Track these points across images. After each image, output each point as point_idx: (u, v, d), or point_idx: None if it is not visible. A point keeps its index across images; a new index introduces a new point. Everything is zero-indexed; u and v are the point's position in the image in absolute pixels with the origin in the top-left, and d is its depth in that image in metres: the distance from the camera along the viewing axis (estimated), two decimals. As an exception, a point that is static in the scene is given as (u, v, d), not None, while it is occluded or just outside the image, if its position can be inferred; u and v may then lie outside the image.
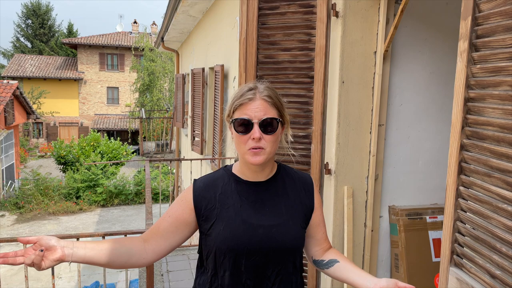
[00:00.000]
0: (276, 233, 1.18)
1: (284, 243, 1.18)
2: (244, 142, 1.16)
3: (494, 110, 1.19)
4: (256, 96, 1.16)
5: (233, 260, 1.17)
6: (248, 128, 1.15)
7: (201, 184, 1.26)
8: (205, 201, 1.23)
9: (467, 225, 1.32)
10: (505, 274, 1.15)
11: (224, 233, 1.18)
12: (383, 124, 2.51)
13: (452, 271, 1.37)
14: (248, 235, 1.17)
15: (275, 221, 1.19)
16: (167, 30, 8.10)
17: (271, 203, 1.22)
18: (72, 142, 18.20)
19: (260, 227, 1.18)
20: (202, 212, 1.22)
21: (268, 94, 1.17)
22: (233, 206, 1.20)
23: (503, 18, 1.16)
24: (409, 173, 2.66)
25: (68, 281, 9.01)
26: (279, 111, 1.19)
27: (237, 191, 1.23)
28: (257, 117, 1.15)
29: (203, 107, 6.23)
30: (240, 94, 1.18)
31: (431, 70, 2.60)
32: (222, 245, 1.17)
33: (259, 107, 1.15)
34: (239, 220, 1.18)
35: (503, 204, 1.15)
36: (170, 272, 3.85)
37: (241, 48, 2.48)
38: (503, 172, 1.15)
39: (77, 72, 27.51)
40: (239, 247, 1.16)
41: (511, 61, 1.13)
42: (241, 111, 1.16)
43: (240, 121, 1.15)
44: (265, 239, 1.17)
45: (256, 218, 1.19)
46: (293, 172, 1.32)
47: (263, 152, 1.16)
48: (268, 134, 1.15)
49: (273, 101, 1.18)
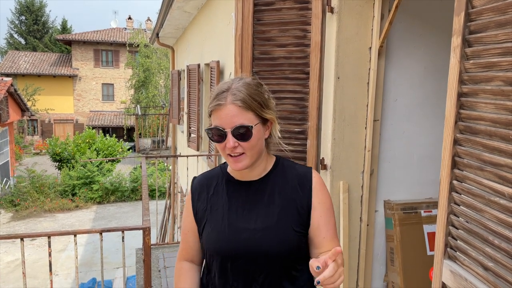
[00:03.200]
0: (261, 237, 1.12)
1: (269, 248, 1.11)
2: (222, 149, 1.12)
3: (486, 105, 1.20)
4: (227, 101, 1.08)
5: (219, 263, 1.16)
6: (223, 137, 1.09)
7: (197, 185, 1.25)
8: (200, 203, 1.23)
9: (461, 218, 1.34)
10: (498, 266, 1.17)
11: (211, 236, 1.17)
12: (378, 119, 2.53)
13: (446, 263, 1.39)
14: (232, 239, 1.13)
15: (263, 224, 1.13)
16: (162, 26, 8.06)
17: (261, 204, 1.16)
18: (68, 139, 18.13)
19: (246, 231, 1.13)
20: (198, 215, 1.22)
21: (241, 97, 1.08)
22: (222, 208, 1.18)
23: (495, 14, 1.17)
24: (404, 168, 2.68)
25: (65, 278, 9.02)
26: (257, 112, 1.10)
27: (227, 192, 1.19)
28: (229, 125, 1.07)
29: (199, 104, 6.23)
30: (213, 96, 1.12)
31: (425, 66, 2.62)
32: (210, 247, 1.18)
33: (229, 113, 1.07)
34: (225, 223, 1.15)
35: (495, 197, 1.18)
36: (167, 268, 3.86)
37: (237, 44, 2.49)
38: (495, 166, 1.17)
39: (71, 69, 27.37)
40: (224, 251, 1.14)
41: (503, 56, 1.15)
42: (215, 117, 1.10)
43: (214, 130, 1.10)
44: (250, 244, 1.12)
45: (243, 221, 1.15)
46: (292, 167, 1.22)
47: (244, 157, 1.11)
48: (244, 141, 1.08)
49: (247, 104, 1.08)
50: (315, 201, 1.16)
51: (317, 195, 1.17)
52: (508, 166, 1.12)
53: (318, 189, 1.18)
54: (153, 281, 3.57)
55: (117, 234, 5.08)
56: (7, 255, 10.01)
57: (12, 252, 10.06)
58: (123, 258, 2.45)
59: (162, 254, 4.17)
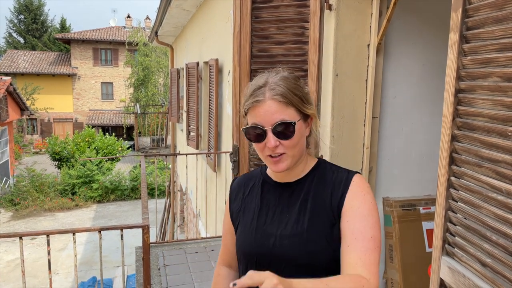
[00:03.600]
0: (288, 244, 1.01)
1: (296, 258, 1.00)
2: (261, 150, 1.02)
3: (484, 101, 1.20)
4: (265, 97, 0.99)
5: (245, 267, 1.09)
6: (262, 136, 1.00)
7: (236, 186, 1.20)
8: (235, 204, 1.17)
9: (459, 214, 1.34)
10: (495, 262, 1.17)
11: (240, 238, 1.12)
12: (377, 116, 2.53)
13: (444, 260, 1.39)
14: (258, 244, 1.05)
15: (292, 231, 1.03)
16: (161, 25, 8.05)
17: (293, 209, 1.06)
18: (67, 138, 18.14)
19: (272, 236, 1.04)
20: (233, 216, 1.18)
21: (281, 92, 0.99)
22: (253, 210, 1.11)
23: (492, 10, 1.17)
24: (403, 165, 2.68)
25: (65, 277, 9.03)
26: (298, 108, 1.01)
27: (261, 194, 1.12)
28: (269, 123, 0.98)
29: (198, 102, 6.23)
30: (250, 93, 1.02)
31: (424, 63, 2.62)
32: (238, 250, 1.13)
33: (269, 110, 0.98)
34: (254, 226, 1.08)
35: (493, 193, 1.18)
36: (167, 266, 3.86)
37: (235, 42, 2.49)
38: (493, 162, 1.17)
39: (70, 68, 27.34)
40: (249, 255, 1.07)
41: (500, 52, 1.14)
42: (252, 116, 1.01)
43: (252, 129, 1.01)
44: (275, 251, 1.02)
45: (271, 225, 1.06)
46: (334, 171, 1.08)
47: (285, 157, 1.01)
48: (285, 139, 0.99)
49: (287, 99, 0.99)
50: (347, 206, 1.01)
51: (352, 199, 1.01)
52: (506, 162, 1.12)
53: (355, 193, 1.02)
54: (153, 279, 3.57)
55: (117, 233, 5.06)
56: (7, 254, 10.02)
57: (12, 251, 10.06)
58: (122, 256, 2.45)
59: (161, 252, 4.17)
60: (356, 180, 1.04)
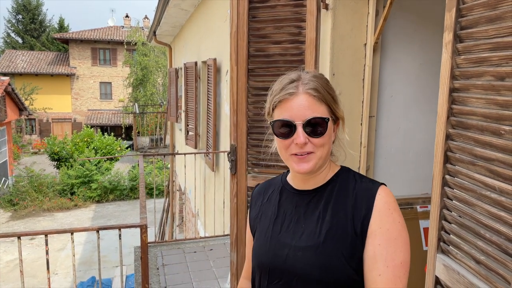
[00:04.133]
0: (301, 257, 0.95)
1: (308, 272, 0.93)
2: (286, 147, 0.96)
3: (477, 100, 1.21)
4: (299, 90, 0.93)
5: (258, 279, 1.04)
6: (291, 132, 0.93)
7: (256, 193, 1.16)
8: (254, 210, 1.14)
9: (453, 212, 1.35)
10: (489, 259, 1.18)
11: (255, 247, 1.07)
12: (374, 115, 2.54)
13: (439, 258, 1.41)
14: (271, 254, 1.00)
15: (307, 242, 0.96)
16: (159, 24, 8.06)
17: (310, 219, 0.99)
18: (66, 138, 18.14)
19: (286, 247, 0.98)
20: (251, 222, 1.14)
21: (315, 86, 0.94)
22: (269, 218, 1.06)
23: (486, 10, 1.18)
24: (400, 164, 2.69)
25: (64, 277, 9.03)
26: (330, 107, 0.96)
27: (279, 201, 1.07)
28: (300, 118, 0.92)
29: (197, 101, 6.23)
30: (280, 87, 0.96)
31: (421, 62, 2.63)
32: (253, 259, 1.07)
33: (302, 103, 0.93)
34: (268, 235, 1.03)
35: (486, 191, 1.19)
36: (165, 266, 3.87)
37: (232, 41, 2.49)
38: (487, 160, 1.18)
39: (69, 68, 27.31)
40: (262, 266, 1.02)
41: (493, 51, 1.15)
42: (282, 110, 0.95)
43: (280, 123, 0.94)
44: (288, 263, 0.96)
45: (286, 235, 1.00)
46: (357, 180, 1.00)
47: (313, 157, 0.95)
48: (316, 137, 0.93)
49: (321, 95, 0.94)
50: (375, 225, 0.91)
51: (379, 217, 0.92)
52: (499, 160, 1.13)
53: (382, 210, 0.92)
54: (151, 279, 3.58)
55: (116, 233, 5.07)
56: (6, 255, 10.02)
57: (11, 252, 10.06)
58: (120, 256, 2.46)
59: (160, 252, 4.19)
60: (382, 194, 0.94)
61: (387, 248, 0.89)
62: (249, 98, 2.48)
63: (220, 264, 3.87)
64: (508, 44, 1.11)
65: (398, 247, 0.90)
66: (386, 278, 0.88)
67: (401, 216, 0.94)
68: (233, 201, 2.59)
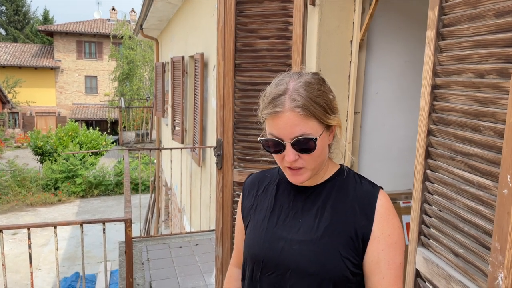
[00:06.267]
0: (297, 250, 0.97)
1: (303, 266, 0.95)
2: (280, 160, 0.97)
3: (458, 96, 1.24)
4: (285, 107, 0.91)
5: (251, 270, 1.05)
6: (281, 148, 0.94)
7: (249, 182, 1.16)
8: (248, 200, 1.13)
9: (434, 207, 1.38)
10: (467, 252, 1.21)
11: (248, 237, 1.07)
12: (359, 112, 2.57)
13: (419, 251, 1.44)
14: (266, 247, 1.01)
15: (303, 237, 0.97)
16: (146, 18, 7.98)
17: (308, 215, 1.00)
18: (50, 132, 17.84)
19: (281, 240, 0.99)
20: (244, 212, 1.14)
21: (302, 103, 0.90)
22: (265, 210, 1.06)
23: (467, 8, 1.20)
24: (384, 160, 2.73)
25: (47, 273, 8.93)
26: (320, 119, 0.93)
27: (276, 194, 1.07)
28: (288, 136, 0.91)
29: (184, 96, 6.20)
30: (269, 99, 0.94)
31: (406, 59, 2.66)
32: (245, 251, 1.08)
33: (289, 123, 0.91)
34: (264, 227, 1.03)
35: (465, 186, 1.22)
36: (150, 261, 3.86)
37: (219, 36, 2.49)
38: (466, 156, 1.21)
39: (53, 61, 26.85)
40: (256, 257, 1.03)
41: (473, 49, 1.18)
42: (270, 125, 0.94)
43: (270, 141, 0.95)
44: (283, 256, 0.98)
45: (282, 229, 1.01)
46: (357, 181, 1.04)
47: (304, 171, 0.96)
48: (306, 153, 0.93)
49: (308, 111, 0.90)
50: (378, 230, 0.95)
51: (382, 222, 0.96)
52: (477, 155, 1.16)
53: (384, 215, 0.97)
54: (136, 274, 3.57)
55: (100, 228, 5.05)
56: (-13, 250, 9.85)
57: (-8, 247, 9.90)
58: (104, 250, 2.45)
59: (145, 247, 4.17)
60: (382, 200, 0.99)
61: (389, 253, 0.95)
62: (236, 93, 2.48)
63: (206, 259, 3.88)
64: (488, 42, 1.13)
65: (398, 250, 0.96)
66: (389, 279, 0.94)
67: (399, 220, 1.00)
68: (219, 196, 2.60)
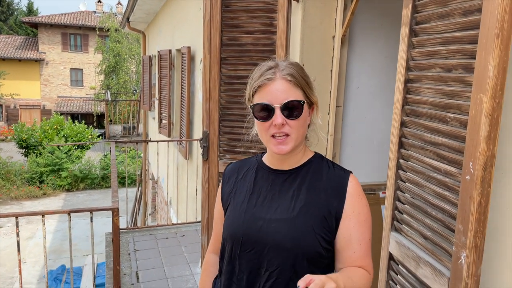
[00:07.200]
0: (274, 228, 1.05)
1: (280, 242, 1.04)
2: (266, 129, 1.04)
3: (428, 90, 1.32)
4: (276, 76, 1.03)
5: (230, 249, 1.12)
6: (270, 114, 1.02)
7: (230, 170, 1.23)
8: (227, 186, 1.21)
9: (406, 194, 1.47)
10: (435, 235, 1.30)
11: (228, 219, 1.15)
12: (341, 105, 2.65)
13: (392, 235, 1.53)
14: (245, 225, 1.09)
15: (280, 216, 1.06)
16: (132, 11, 7.94)
17: (284, 196, 1.09)
18: (34, 125, 17.60)
19: (260, 219, 1.08)
20: (224, 198, 1.21)
21: (290, 72, 1.03)
22: (244, 193, 1.14)
23: (437, 7, 1.29)
24: (365, 152, 2.83)
25: (33, 266, 8.89)
26: (305, 92, 1.05)
27: (255, 178, 1.15)
28: (278, 101, 1.01)
29: (170, 90, 6.22)
30: (259, 74, 1.05)
31: (385, 55, 2.75)
32: (224, 231, 1.16)
33: (280, 88, 1.02)
34: (243, 209, 1.12)
35: (434, 173, 1.30)
36: (137, 251, 3.91)
37: (205, 30, 2.54)
38: (434, 145, 1.30)
39: (38, 53, 26.39)
40: (235, 236, 1.10)
41: (442, 45, 1.26)
42: (261, 95, 1.04)
43: (260, 106, 1.03)
44: (261, 233, 1.06)
45: (261, 209, 1.09)
46: (329, 166, 1.13)
47: (289, 140, 1.03)
48: (292, 119, 1.02)
49: (296, 80, 1.03)
50: (349, 210, 1.05)
51: (352, 203, 1.06)
52: (445, 145, 1.25)
53: (354, 196, 1.07)
54: (123, 264, 3.62)
55: (87, 221, 5.04)
56: (-29, 244, 9.75)
57: (-24, 241, 9.80)
58: (91, 238, 2.50)
59: (132, 238, 4.21)
60: (353, 182, 1.09)
61: (359, 229, 1.05)
62: (221, 86, 2.54)
63: (192, 250, 3.94)
64: (455, 38, 1.22)
65: (367, 227, 1.07)
66: (360, 253, 1.05)
67: (367, 200, 1.11)
68: (205, 186, 2.66)
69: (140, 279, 3.41)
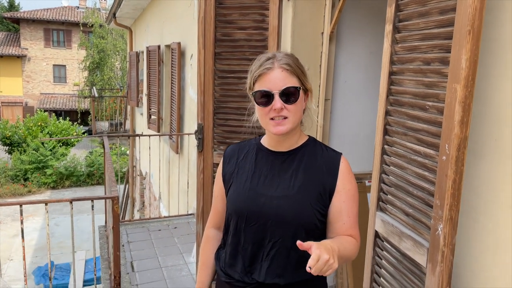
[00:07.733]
0: (277, 204, 1.19)
1: (283, 216, 1.18)
2: (266, 114, 1.17)
3: (410, 81, 1.47)
4: (274, 65, 1.15)
5: (235, 223, 1.25)
6: (269, 100, 1.15)
7: (230, 151, 1.35)
8: (229, 166, 1.32)
9: (390, 176, 1.62)
10: (416, 211, 1.45)
11: (232, 196, 1.27)
12: (329, 99, 2.79)
13: (378, 215, 1.67)
14: (249, 202, 1.21)
15: (281, 193, 1.20)
16: (119, 6, 7.95)
17: (284, 176, 1.22)
18: (18, 122, 17.36)
19: (263, 196, 1.21)
20: (226, 177, 1.32)
21: (287, 62, 1.16)
22: (247, 173, 1.26)
23: (418, 6, 1.43)
24: (352, 144, 2.98)
25: (19, 263, 8.83)
26: (300, 79, 1.18)
27: (255, 159, 1.27)
28: (277, 88, 1.14)
29: (160, 85, 6.29)
30: (259, 64, 1.18)
31: (372, 51, 2.90)
32: (229, 207, 1.28)
33: (278, 76, 1.14)
34: (247, 187, 1.24)
35: (414, 156, 1.45)
36: (131, 243, 4.00)
37: (200, 26, 2.64)
38: (415, 131, 1.44)
39: (20, 49, 25.95)
40: (240, 211, 1.23)
41: (422, 41, 1.41)
42: (261, 83, 1.16)
43: (260, 93, 1.16)
44: (264, 209, 1.19)
45: (263, 187, 1.22)
46: (323, 148, 1.28)
47: (287, 121, 1.16)
48: (290, 103, 1.15)
49: (293, 69, 1.16)
50: (340, 186, 1.21)
51: (343, 180, 1.22)
52: (424, 130, 1.40)
53: (345, 174, 1.23)
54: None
55: (75, 219, 5.10)
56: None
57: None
58: (92, 225, 2.59)
59: (125, 230, 4.30)
60: (344, 162, 1.26)
61: (348, 203, 1.22)
62: (215, 80, 2.65)
63: (185, 241, 4.05)
64: (433, 35, 1.36)
65: (355, 202, 1.25)
66: (349, 224, 1.22)
67: (355, 178, 1.29)
68: (200, 176, 2.77)
69: (135, 268, 3.51)
